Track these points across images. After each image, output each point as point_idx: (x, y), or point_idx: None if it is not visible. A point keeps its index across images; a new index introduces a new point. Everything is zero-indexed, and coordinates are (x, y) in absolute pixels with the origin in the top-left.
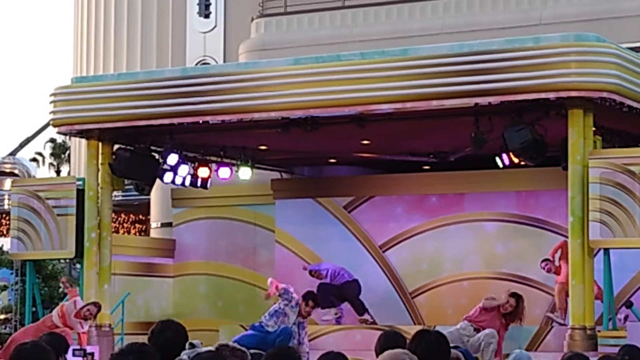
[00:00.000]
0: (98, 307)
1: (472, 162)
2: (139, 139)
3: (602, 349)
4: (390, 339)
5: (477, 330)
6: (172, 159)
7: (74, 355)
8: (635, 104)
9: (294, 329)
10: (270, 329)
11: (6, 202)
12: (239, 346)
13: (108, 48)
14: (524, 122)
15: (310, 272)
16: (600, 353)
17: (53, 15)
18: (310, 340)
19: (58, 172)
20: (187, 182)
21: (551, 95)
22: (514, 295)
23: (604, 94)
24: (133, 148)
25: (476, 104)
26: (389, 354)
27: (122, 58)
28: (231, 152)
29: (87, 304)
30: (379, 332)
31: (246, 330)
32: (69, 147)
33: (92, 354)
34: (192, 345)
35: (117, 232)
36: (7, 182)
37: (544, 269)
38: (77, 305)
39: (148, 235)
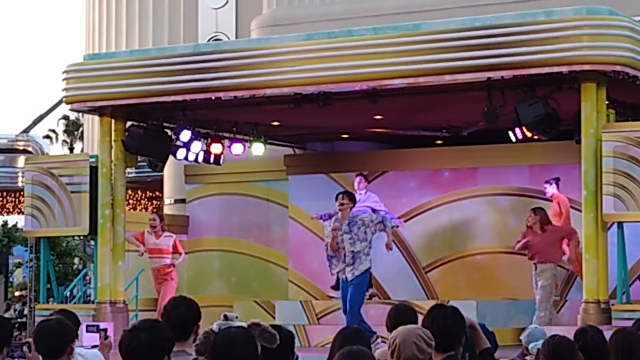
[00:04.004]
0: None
1: (485, 136)
2: (152, 115)
3: (616, 322)
4: (401, 313)
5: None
6: (185, 135)
7: (87, 331)
8: None
9: (343, 236)
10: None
11: (20, 179)
12: (271, 328)
13: (120, 25)
14: (536, 96)
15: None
16: (614, 327)
17: None
18: (323, 316)
19: (71, 149)
20: (200, 159)
21: (564, 69)
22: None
23: (617, 67)
24: (146, 125)
25: (489, 78)
26: (403, 329)
27: (134, 35)
28: (244, 128)
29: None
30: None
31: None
32: (82, 124)
33: (105, 330)
34: (226, 318)
35: (135, 209)
36: (21, 160)
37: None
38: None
39: (161, 211)
